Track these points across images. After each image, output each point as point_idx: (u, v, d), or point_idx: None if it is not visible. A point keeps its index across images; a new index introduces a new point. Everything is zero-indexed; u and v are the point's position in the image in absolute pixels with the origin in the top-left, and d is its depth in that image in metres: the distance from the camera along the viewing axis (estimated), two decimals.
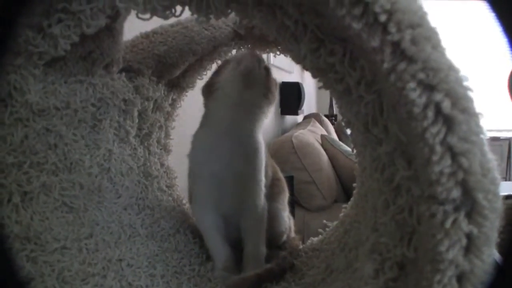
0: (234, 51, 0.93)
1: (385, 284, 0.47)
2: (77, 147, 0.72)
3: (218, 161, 0.79)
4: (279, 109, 2.97)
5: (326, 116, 3.49)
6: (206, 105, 0.84)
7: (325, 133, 2.80)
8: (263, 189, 0.81)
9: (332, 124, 3.63)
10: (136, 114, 0.83)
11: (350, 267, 0.64)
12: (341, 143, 2.58)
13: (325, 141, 2.52)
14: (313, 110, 4.04)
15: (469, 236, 0.39)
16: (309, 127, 2.72)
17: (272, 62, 2.31)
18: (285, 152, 2.21)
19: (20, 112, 0.64)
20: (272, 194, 0.89)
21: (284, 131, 2.99)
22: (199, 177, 0.82)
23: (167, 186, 0.92)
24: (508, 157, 4.36)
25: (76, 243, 0.68)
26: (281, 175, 0.97)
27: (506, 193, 2.68)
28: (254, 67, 0.77)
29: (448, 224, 0.39)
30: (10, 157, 0.63)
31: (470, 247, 0.39)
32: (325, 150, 2.44)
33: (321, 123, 3.21)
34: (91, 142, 0.75)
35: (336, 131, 3.39)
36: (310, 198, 2.20)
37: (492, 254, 0.41)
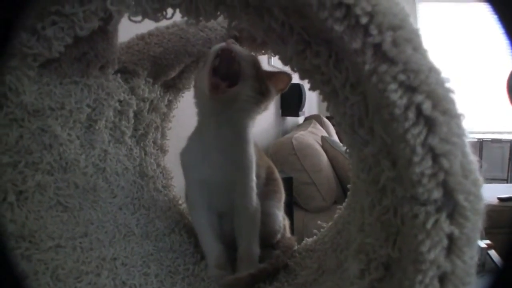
0: None
1: (370, 284, 0.47)
2: (72, 147, 0.72)
3: (206, 167, 0.79)
4: (280, 111, 2.97)
5: (327, 117, 3.48)
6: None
7: (325, 134, 2.80)
8: (254, 190, 0.80)
9: (333, 125, 3.62)
10: (131, 114, 0.84)
11: (340, 267, 0.64)
12: (341, 144, 2.58)
13: (325, 143, 2.52)
14: (314, 111, 4.03)
15: (450, 237, 0.39)
16: (309, 129, 2.72)
17: (272, 63, 2.32)
18: (285, 153, 2.21)
19: (15, 113, 0.65)
20: (267, 192, 0.89)
21: (284, 132, 2.99)
22: (189, 180, 0.83)
23: (163, 187, 0.92)
24: (510, 159, 4.34)
25: (71, 242, 0.69)
26: (278, 176, 0.97)
27: (507, 195, 2.61)
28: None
29: (429, 224, 0.39)
30: (5, 157, 0.64)
31: (452, 247, 0.39)
32: (325, 151, 2.44)
33: (322, 124, 3.21)
34: (86, 142, 0.76)
35: (337, 133, 3.39)
36: (309, 199, 2.20)
37: (474, 256, 0.41)
